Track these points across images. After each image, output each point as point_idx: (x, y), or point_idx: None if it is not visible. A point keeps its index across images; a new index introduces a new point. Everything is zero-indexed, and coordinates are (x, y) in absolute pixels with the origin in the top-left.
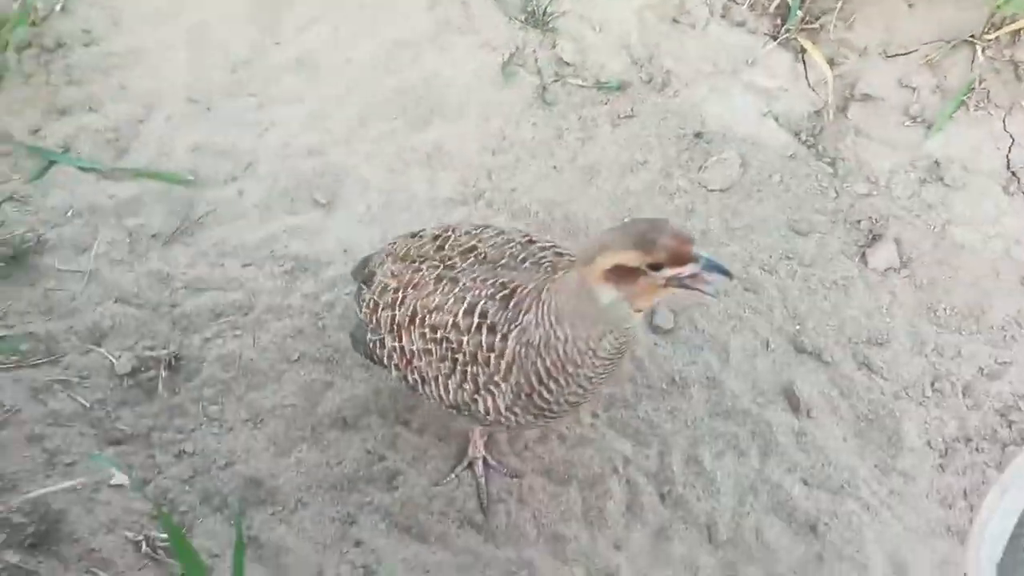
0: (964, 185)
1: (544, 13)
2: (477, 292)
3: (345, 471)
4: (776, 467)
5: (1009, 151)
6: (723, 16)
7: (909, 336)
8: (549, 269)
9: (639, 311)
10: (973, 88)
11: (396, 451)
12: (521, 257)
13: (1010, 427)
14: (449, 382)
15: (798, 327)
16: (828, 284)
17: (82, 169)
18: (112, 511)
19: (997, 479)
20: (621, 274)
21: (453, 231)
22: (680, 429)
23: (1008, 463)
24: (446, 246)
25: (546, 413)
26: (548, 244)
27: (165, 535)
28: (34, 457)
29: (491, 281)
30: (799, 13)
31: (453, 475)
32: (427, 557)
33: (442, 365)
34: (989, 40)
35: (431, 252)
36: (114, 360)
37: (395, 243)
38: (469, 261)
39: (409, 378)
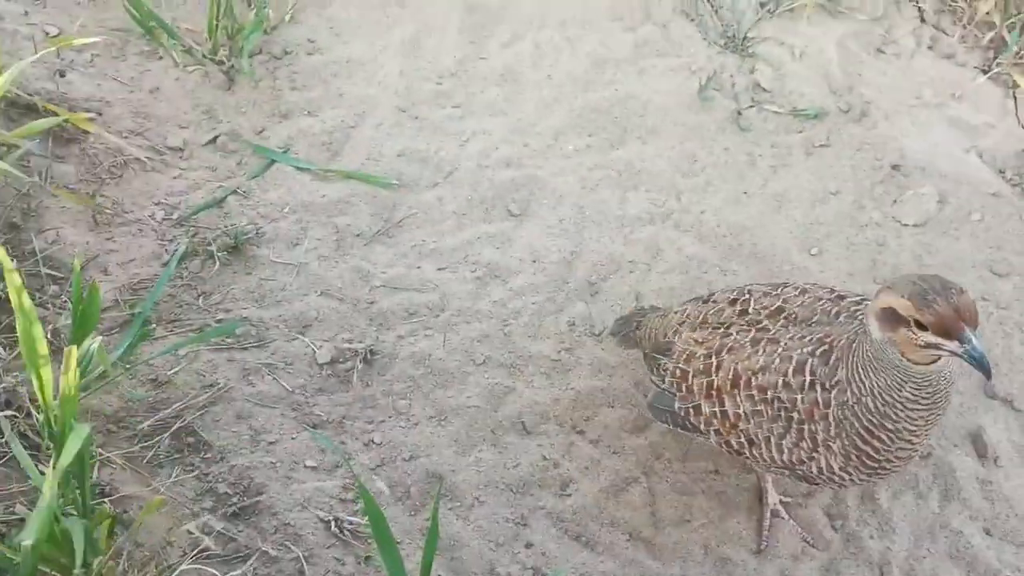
0: None
1: (744, 38)
2: (802, 350)
3: (521, 474)
4: (957, 513)
5: None
6: (931, 48)
7: None
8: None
9: (915, 362)
10: None
11: (570, 459)
12: (834, 312)
13: None
14: (783, 442)
15: None
16: None
17: (299, 169)
18: (306, 490)
19: None
20: (889, 317)
21: (750, 293)
22: None
23: None
24: (749, 310)
25: (879, 472)
26: (859, 298)
27: (353, 517)
28: (240, 433)
29: (808, 338)
30: (1015, 47)
31: (765, 535)
32: (595, 565)
33: (774, 425)
34: None
35: (733, 317)
36: (316, 349)
37: (684, 310)
38: (780, 323)
39: (733, 442)
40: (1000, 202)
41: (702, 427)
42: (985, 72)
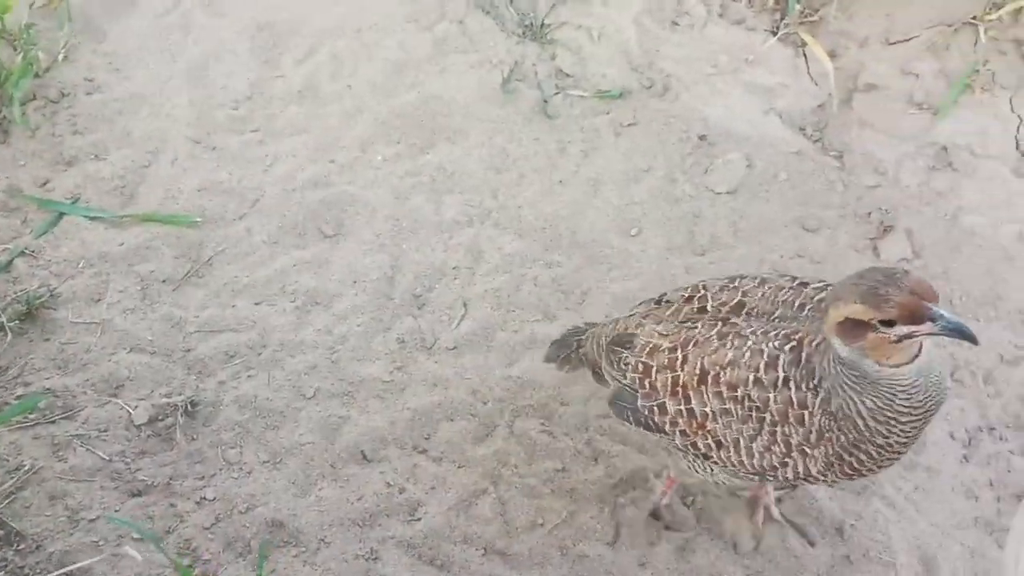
0: (973, 170)
1: (542, 26)
2: (770, 344)
3: (366, 506)
4: None
5: (1017, 132)
6: (721, 15)
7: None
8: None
9: (895, 364)
10: (977, 71)
11: (416, 482)
12: (798, 304)
13: None
14: (754, 444)
15: None
16: None
17: (91, 218)
18: (136, 565)
19: None
20: (851, 328)
21: (704, 289)
22: None
23: None
24: (708, 307)
25: (862, 472)
26: (822, 284)
27: None
28: (56, 515)
29: (773, 333)
30: (798, 6)
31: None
32: None
33: (744, 427)
34: (991, 21)
35: (693, 314)
36: (131, 411)
37: (640, 312)
38: (742, 317)
39: (700, 443)
40: (803, 159)
41: (667, 427)
42: (774, 34)
